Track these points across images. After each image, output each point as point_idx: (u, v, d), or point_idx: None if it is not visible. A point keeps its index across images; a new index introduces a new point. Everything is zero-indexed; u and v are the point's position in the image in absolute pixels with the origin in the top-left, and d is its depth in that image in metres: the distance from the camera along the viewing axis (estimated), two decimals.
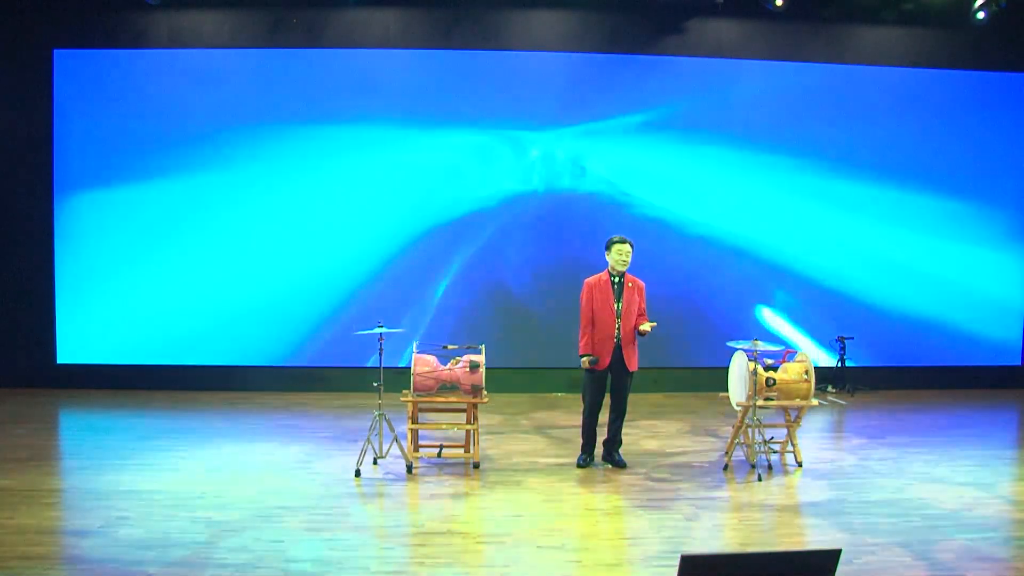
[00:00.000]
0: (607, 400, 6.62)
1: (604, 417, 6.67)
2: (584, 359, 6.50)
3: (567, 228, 9.60)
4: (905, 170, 9.95)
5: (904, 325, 10.05)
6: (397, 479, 6.27)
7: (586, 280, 6.59)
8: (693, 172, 9.76)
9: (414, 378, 6.48)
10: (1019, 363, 10.24)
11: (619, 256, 6.48)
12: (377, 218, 9.57)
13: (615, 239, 6.55)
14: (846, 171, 9.88)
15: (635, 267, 6.52)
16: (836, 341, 9.83)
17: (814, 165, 9.86)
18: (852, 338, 9.85)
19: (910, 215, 9.99)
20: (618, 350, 6.45)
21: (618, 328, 6.44)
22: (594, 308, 6.47)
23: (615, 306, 6.44)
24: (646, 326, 6.46)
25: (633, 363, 6.52)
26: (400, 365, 8.16)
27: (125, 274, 9.47)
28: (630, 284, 6.51)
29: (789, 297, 9.90)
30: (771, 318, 9.83)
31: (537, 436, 7.72)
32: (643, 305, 6.56)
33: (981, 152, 10.04)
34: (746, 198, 9.82)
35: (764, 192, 9.84)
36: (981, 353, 10.17)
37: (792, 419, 6.86)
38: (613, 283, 6.49)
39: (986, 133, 10.04)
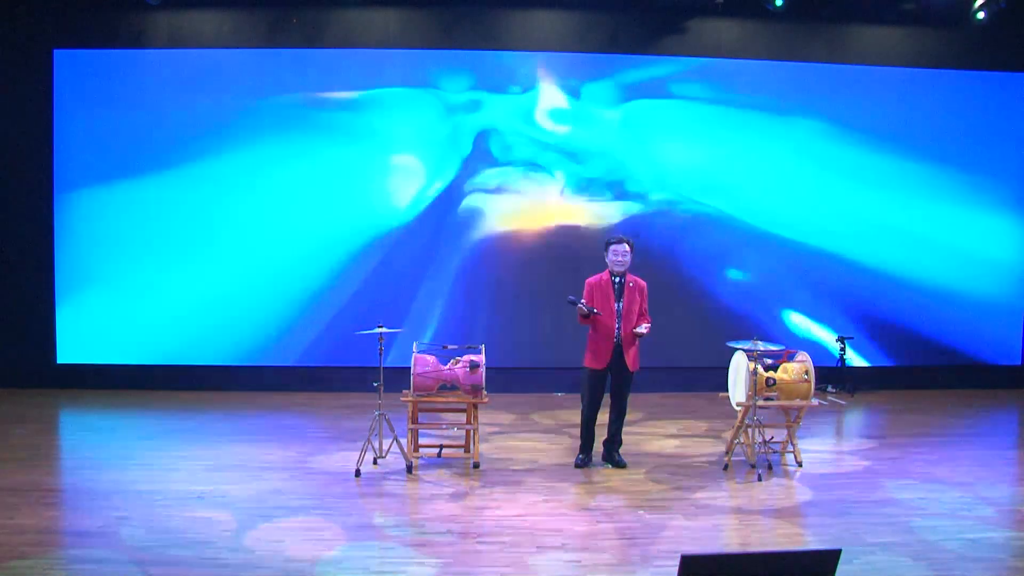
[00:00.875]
0: (607, 400, 6.61)
1: (604, 417, 6.66)
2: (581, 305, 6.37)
3: (569, 226, 9.59)
4: (904, 170, 9.93)
5: (905, 325, 10.05)
6: (397, 479, 6.27)
7: (587, 280, 6.58)
8: (693, 171, 9.76)
9: (414, 378, 6.48)
10: (1019, 363, 10.23)
11: (615, 256, 6.47)
12: (377, 217, 9.57)
13: (611, 239, 6.54)
14: (845, 172, 9.87)
15: (639, 263, 6.51)
16: (836, 341, 9.83)
17: (813, 165, 9.85)
18: (852, 338, 9.85)
19: (909, 214, 9.98)
20: (618, 350, 6.44)
21: (618, 328, 6.43)
22: (595, 307, 6.46)
23: (615, 306, 6.43)
24: (641, 329, 6.43)
25: (634, 363, 6.51)
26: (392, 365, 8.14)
27: (125, 274, 9.46)
28: (631, 284, 6.49)
29: (795, 293, 9.92)
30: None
31: (537, 436, 7.72)
32: (645, 306, 6.54)
33: (980, 153, 10.02)
34: (745, 198, 9.81)
35: (763, 193, 9.82)
36: (981, 353, 10.16)
37: (792, 419, 6.86)
38: (614, 283, 6.48)
39: (986, 134, 10.02)
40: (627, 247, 6.48)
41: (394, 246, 9.58)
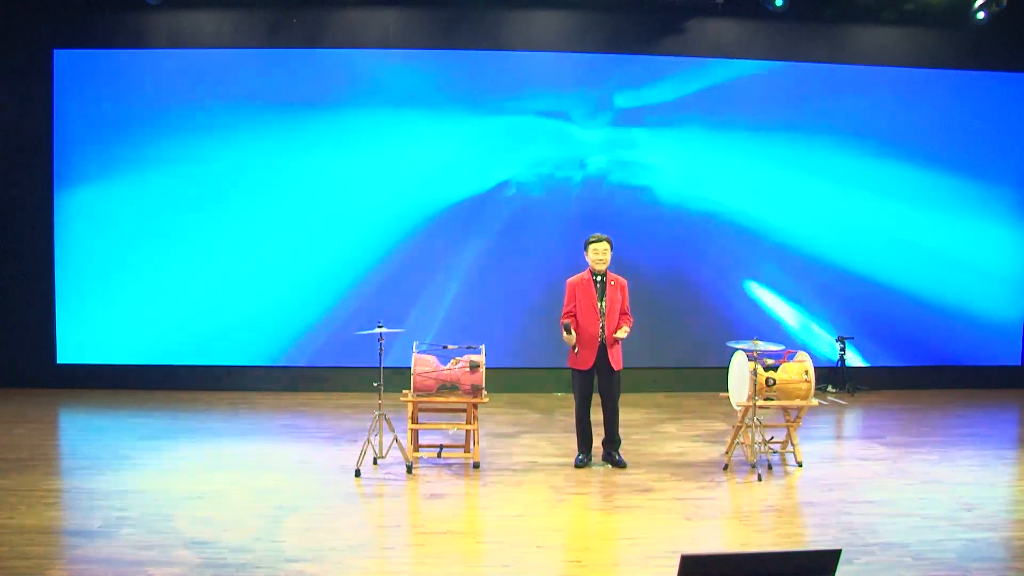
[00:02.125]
0: (601, 400, 6.60)
1: (599, 417, 6.65)
2: (564, 326, 6.41)
3: (568, 225, 9.58)
4: (905, 172, 9.93)
5: (904, 325, 10.04)
6: (397, 479, 6.27)
7: (568, 280, 6.57)
8: (692, 171, 9.75)
9: (414, 378, 6.48)
10: (1019, 363, 10.23)
11: (595, 255, 6.46)
12: (377, 218, 9.57)
13: (591, 238, 6.52)
14: (845, 174, 9.86)
15: (637, 263, 6.48)
16: (836, 341, 9.83)
17: (813, 167, 9.84)
18: (852, 338, 9.85)
19: (910, 215, 9.99)
20: (603, 349, 6.43)
21: (602, 327, 6.42)
22: (577, 308, 6.46)
23: (599, 305, 6.43)
24: (621, 333, 6.41)
25: (618, 362, 6.49)
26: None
27: (125, 274, 9.46)
28: (612, 282, 6.48)
29: (793, 299, 9.92)
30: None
31: (537, 436, 7.72)
32: (626, 304, 6.53)
33: (980, 154, 10.02)
34: (744, 199, 9.80)
35: (762, 193, 9.81)
36: (981, 353, 10.16)
37: (792, 419, 6.86)
38: (595, 282, 6.47)
39: (986, 134, 10.02)
40: (607, 245, 6.48)
41: (394, 246, 9.58)
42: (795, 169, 9.85)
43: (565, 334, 6.45)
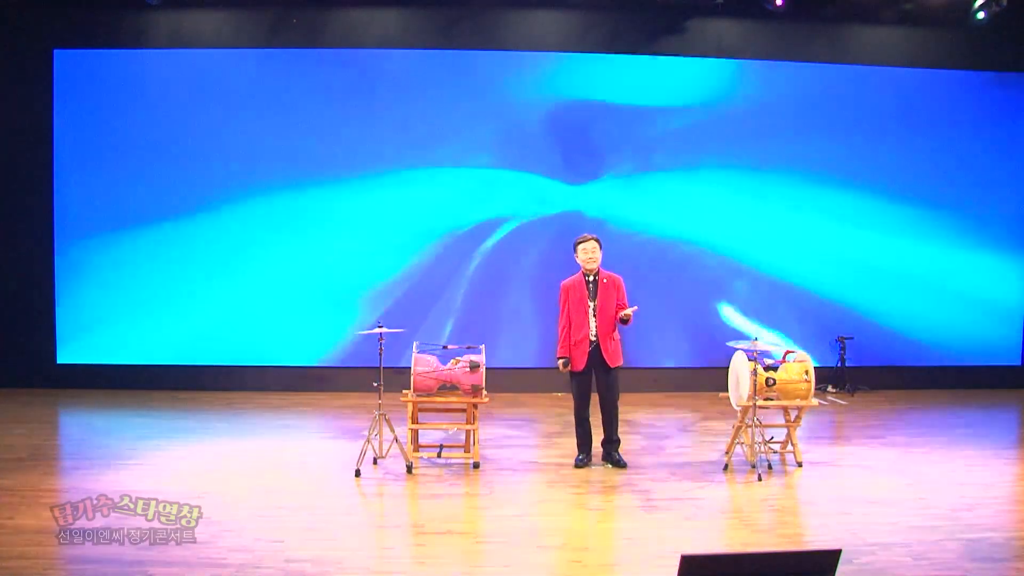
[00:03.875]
0: (599, 399, 6.60)
1: (599, 417, 6.65)
2: (559, 362, 6.51)
3: (567, 227, 9.58)
4: (905, 171, 9.92)
5: (904, 326, 10.03)
6: (397, 479, 6.27)
7: (562, 283, 6.57)
8: (692, 172, 9.75)
9: (414, 378, 6.48)
10: (1019, 363, 10.22)
11: (585, 255, 6.45)
12: (377, 219, 9.56)
13: (578, 239, 6.51)
14: (845, 172, 9.84)
15: (637, 268, 6.47)
16: (836, 341, 9.83)
17: (813, 165, 9.82)
18: (852, 338, 9.84)
19: (909, 216, 9.97)
20: (596, 349, 6.43)
21: (594, 327, 6.41)
22: (570, 310, 6.45)
23: (590, 305, 6.42)
24: (626, 312, 6.37)
25: (615, 359, 6.46)
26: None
27: (125, 274, 9.46)
28: (605, 280, 6.46)
29: (788, 301, 9.91)
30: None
31: (537, 436, 7.73)
32: (623, 300, 6.49)
33: (981, 153, 10.01)
34: (745, 200, 9.80)
35: (764, 193, 9.81)
36: (981, 353, 10.15)
37: (792, 419, 6.86)
38: (587, 282, 6.47)
39: (986, 133, 10.02)
40: (595, 244, 6.47)
41: (394, 247, 9.58)
42: (793, 173, 9.83)
43: (561, 367, 6.50)
